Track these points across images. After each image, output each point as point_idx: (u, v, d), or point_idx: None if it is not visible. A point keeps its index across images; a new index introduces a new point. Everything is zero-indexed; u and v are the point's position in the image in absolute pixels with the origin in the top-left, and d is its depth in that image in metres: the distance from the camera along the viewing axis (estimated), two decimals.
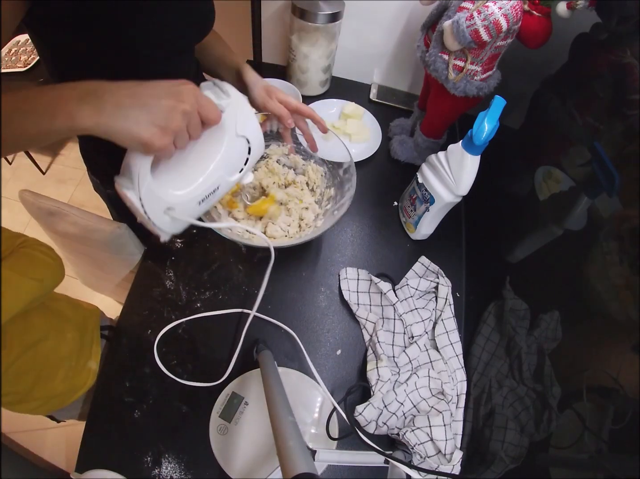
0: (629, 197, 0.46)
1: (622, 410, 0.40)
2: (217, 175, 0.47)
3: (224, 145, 0.46)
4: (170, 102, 0.38)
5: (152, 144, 0.38)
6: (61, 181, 2.01)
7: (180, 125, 0.39)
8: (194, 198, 0.47)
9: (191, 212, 0.48)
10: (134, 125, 0.37)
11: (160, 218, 0.45)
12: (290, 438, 0.41)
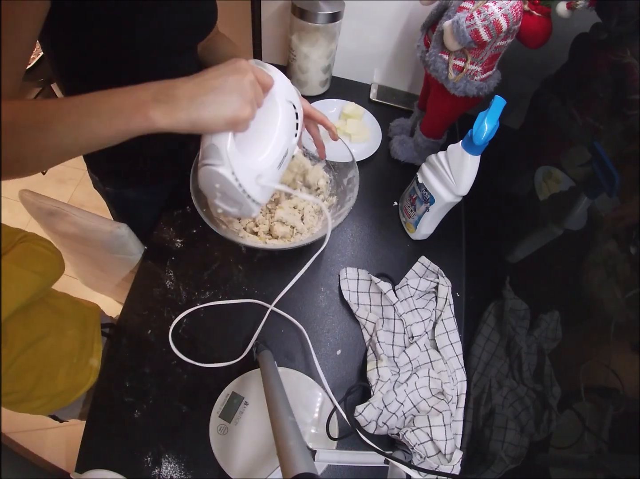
0: (629, 197, 0.46)
1: (622, 410, 0.40)
2: (285, 138, 0.50)
3: (280, 111, 0.49)
4: (236, 77, 0.41)
5: (238, 118, 0.41)
6: (61, 181, 2.01)
7: (253, 93, 0.42)
8: (274, 163, 0.49)
9: (274, 177, 0.50)
10: (214, 109, 0.40)
11: (253, 188, 0.47)
12: (290, 438, 0.41)
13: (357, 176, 0.66)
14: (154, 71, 0.59)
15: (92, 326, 0.69)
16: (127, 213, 0.86)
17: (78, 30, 0.49)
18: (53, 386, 0.61)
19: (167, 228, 0.76)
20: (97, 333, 0.70)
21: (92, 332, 0.69)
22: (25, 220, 1.78)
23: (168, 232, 0.76)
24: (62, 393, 0.64)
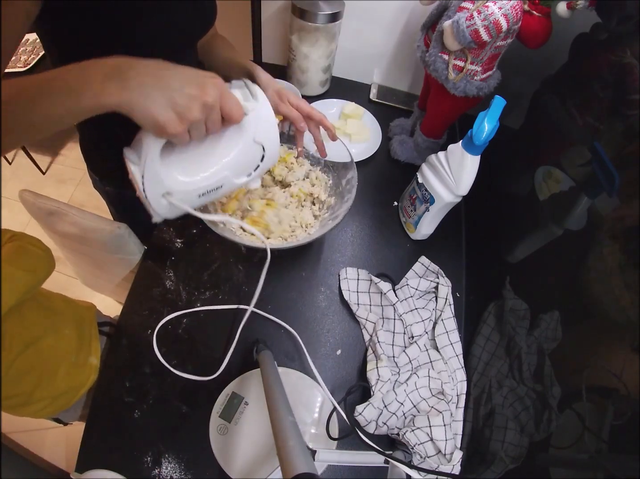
0: (629, 197, 0.46)
1: (622, 410, 0.40)
2: (224, 174, 0.47)
3: (238, 147, 0.46)
4: (193, 91, 0.38)
5: (166, 129, 0.38)
6: (61, 181, 2.01)
7: (198, 116, 0.39)
8: (195, 190, 0.47)
9: (189, 202, 0.48)
10: (152, 105, 0.37)
11: (156, 199, 0.45)
12: (290, 438, 0.41)
13: (355, 177, 0.66)
14: None
15: (88, 325, 0.69)
16: (127, 213, 0.86)
17: (79, 28, 0.49)
18: (54, 387, 0.61)
19: (167, 228, 0.76)
20: (94, 331, 0.70)
21: (89, 330, 0.69)
22: (25, 220, 1.78)
23: (168, 232, 0.76)
24: (64, 394, 0.64)
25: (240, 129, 0.45)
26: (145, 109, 0.37)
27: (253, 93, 0.45)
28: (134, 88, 0.36)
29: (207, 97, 0.39)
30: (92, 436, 0.58)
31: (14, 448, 1.19)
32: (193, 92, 0.38)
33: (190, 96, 0.38)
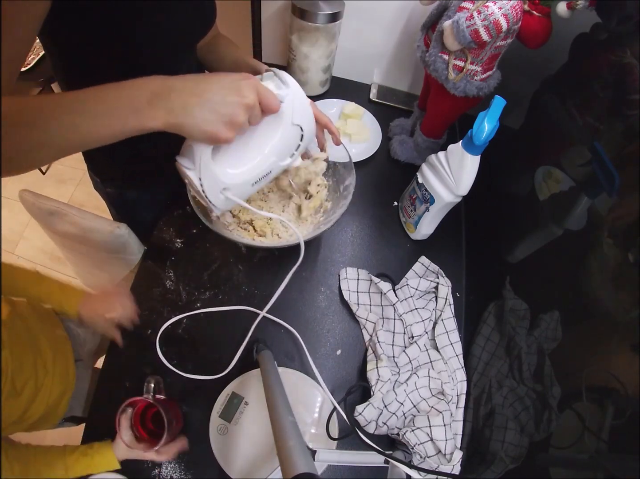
0: (629, 197, 0.46)
1: (622, 410, 0.40)
2: (271, 160, 0.50)
3: (280, 133, 0.49)
4: (233, 98, 0.41)
5: (218, 138, 0.42)
6: (61, 181, 2.01)
7: (243, 119, 0.42)
8: (249, 180, 0.50)
9: (244, 192, 0.52)
10: (201, 122, 0.40)
11: (216, 196, 0.49)
12: (290, 438, 0.41)
13: (353, 184, 0.66)
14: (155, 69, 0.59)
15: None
16: (127, 213, 0.86)
17: (79, 28, 0.49)
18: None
19: (167, 228, 0.76)
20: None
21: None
22: (25, 220, 1.78)
23: (168, 232, 0.76)
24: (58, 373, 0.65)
25: (278, 116, 0.48)
26: (195, 127, 0.40)
27: (284, 81, 0.49)
28: (179, 112, 0.39)
29: (246, 99, 0.41)
30: (92, 436, 0.58)
31: None
32: (234, 99, 0.41)
33: (233, 104, 0.41)
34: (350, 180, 0.67)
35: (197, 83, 0.41)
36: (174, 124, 0.40)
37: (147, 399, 0.54)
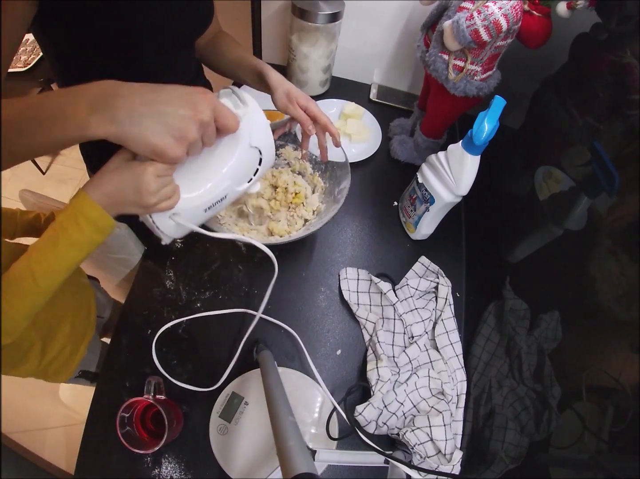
0: (629, 197, 0.46)
1: (622, 410, 0.40)
2: (226, 184, 0.46)
3: (236, 155, 0.45)
4: (187, 112, 0.37)
5: (166, 154, 0.38)
6: (61, 181, 2.01)
7: (196, 136, 0.38)
8: (200, 206, 0.46)
9: (196, 218, 0.47)
10: (149, 134, 0.36)
11: (164, 222, 0.45)
12: (290, 438, 0.41)
13: (347, 187, 0.66)
14: (152, 68, 0.59)
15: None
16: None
17: (76, 28, 0.49)
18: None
19: None
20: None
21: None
22: None
23: None
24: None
25: (235, 137, 0.44)
26: (140, 139, 0.37)
27: (242, 100, 0.44)
28: (123, 120, 0.36)
29: (201, 115, 0.38)
30: (92, 436, 0.58)
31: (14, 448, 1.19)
32: (187, 112, 0.37)
33: (185, 117, 0.37)
34: (345, 184, 0.67)
35: (148, 92, 0.37)
36: (116, 134, 0.36)
37: (148, 399, 0.54)
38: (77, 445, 0.57)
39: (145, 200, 0.40)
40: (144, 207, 0.41)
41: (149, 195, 0.40)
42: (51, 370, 0.64)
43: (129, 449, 0.51)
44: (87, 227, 0.41)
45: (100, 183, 0.40)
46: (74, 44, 0.52)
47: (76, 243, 0.42)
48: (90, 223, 0.41)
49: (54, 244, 0.41)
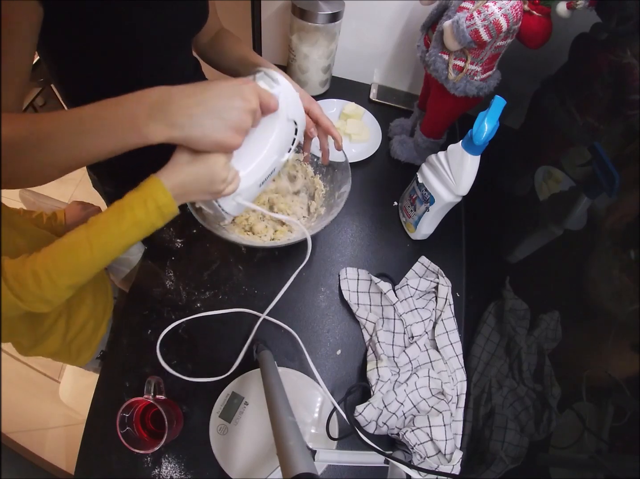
0: (629, 197, 0.46)
1: (622, 410, 0.40)
2: (273, 158, 0.51)
3: (277, 130, 0.49)
4: (239, 104, 0.40)
5: (230, 145, 0.42)
6: (61, 181, 2.00)
7: (249, 122, 0.42)
8: (257, 182, 0.50)
9: (252, 194, 0.52)
10: (211, 132, 0.40)
11: (228, 203, 0.50)
12: (290, 438, 0.41)
13: (347, 192, 0.66)
14: (151, 69, 0.59)
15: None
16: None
17: (72, 31, 0.49)
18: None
19: (167, 228, 0.76)
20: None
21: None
22: None
23: (168, 232, 0.76)
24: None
25: (275, 114, 0.48)
26: (204, 137, 0.40)
27: (274, 79, 0.48)
28: (183, 124, 0.39)
29: (251, 104, 0.41)
30: (92, 436, 0.58)
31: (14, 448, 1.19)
32: (239, 104, 0.41)
33: (239, 109, 0.41)
34: (345, 188, 0.67)
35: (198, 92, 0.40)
36: (178, 137, 0.39)
37: (148, 399, 0.54)
38: (77, 445, 0.57)
39: (217, 187, 0.44)
40: (214, 193, 0.45)
41: (220, 183, 0.44)
42: (74, 347, 0.64)
43: (129, 449, 0.51)
44: (154, 211, 0.43)
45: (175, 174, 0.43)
46: (70, 47, 0.52)
47: (139, 223, 0.44)
48: (157, 208, 0.43)
49: (119, 220, 0.43)
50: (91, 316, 0.66)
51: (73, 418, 1.30)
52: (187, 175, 0.43)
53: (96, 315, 0.67)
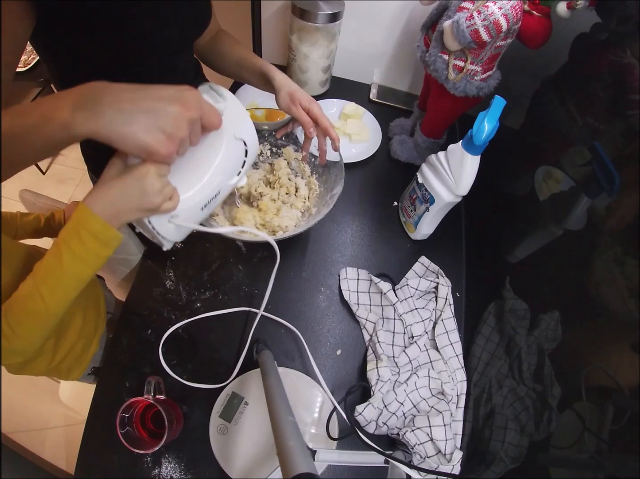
0: (629, 197, 0.46)
1: (622, 410, 0.40)
2: (218, 179, 0.47)
3: (223, 149, 0.46)
4: (176, 109, 0.37)
5: (158, 151, 0.37)
6: (61, 181, 2.01)
7: (185, 133, 0.38)
8: (197, 204, 0.46)
9: (194, 217, 0.47)
10: (139, 130, 0.35)
11: (164, 226, 0.44)
12: (290, 438, 0.41)
13: (339, 193, 0.66)
14: (151, 71, 0.59)
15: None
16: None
17: (73, 32, 0.49)
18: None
19: None
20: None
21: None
22: None
23: None
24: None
25: (220, 132, 0.44)
26: (129, 136, 0.35)
27: (220, 94, 0.44)
28: (111, 117, 0.35)
29: (190, 112, 0.37)
30: (92, 436, 0.58)
31: (14, 448, 1.19)
32: (176, 109, 0.37)
33: (176, 114, 0.37)
34: (337, 189, 0.67)
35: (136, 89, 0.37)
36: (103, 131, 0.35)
37: (148, 399, 0.54)
38: (77, 445, 0.57)
39: (151, 200, 0.39)
40: (149, 209, 0.40)
41: (155, 194, 0.39)
42: (64, 367, 0.63)
43: (129, 449, 0.51)
44: (90, 241, 0.40)
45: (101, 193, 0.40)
46: (71, 49, 0.52)
47: (80, 258, 0.41)
48: (93, 236, 0.40)
49: (59, 261, 0.40)
50: (81, 337, 0.64)
51: (73, 418, 1.30)
52: (115, 191, 0.39)
53: (86, 333, 0.66)
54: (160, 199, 0.40)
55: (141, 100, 0.36)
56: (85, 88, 0.36)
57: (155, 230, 0.44)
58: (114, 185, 0.40)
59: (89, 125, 0.34)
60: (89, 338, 0.67)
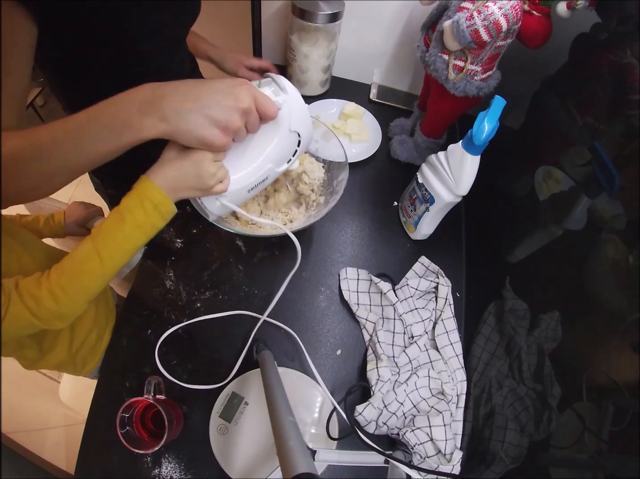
0: (629, 197, 0.46)
1: (622, 410, 0.40)
2: (268, 166, 0.50)
3: (276, 139, 0.49)
4: (229, 103, 0.40)
5: (214, 144, 0.41)
6: None
7: (239, 124, 0.42)
8: (245, 187, 0.50)
9: (240, 198, 0.52)
10: (197, 128, 0.40)
11: (211, 203, 0.50)
12: (290, 438, 0.41)
13: (346, 179, 0.66)
14: (149, 66, 0.59)
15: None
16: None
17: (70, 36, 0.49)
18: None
19: (167, 228, 0.76)
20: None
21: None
22: None
23: (168, 232, 0.76)
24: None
25: (275, 123, 0.47)
26: (189, 133, 0.40)
27: (282, 87, 0.47)
28: (172, 117, 0.39)
29: (242, 104, 0.41)
30: (92, 436, 0.58)
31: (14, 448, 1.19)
32: (229, 103, 0.40)
33: (228, 108, 0.40)
34: (343, 175, 0.67)
35: (190, 89, 0.40)
36: (167, 131, 0.39)
37: (148, 399, 0.54)
38: (77, 445, 0.57)
39: (205, 182, 0.44)
40: (203, 189, 0.45)
41: (209, 178, 0.44)
42: (79, 357, 0.64)
43: (129, 449, 0.51)
44: (152, 210, 0.44)
45: (162, 171, 0.44)
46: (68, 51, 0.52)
47: (140, 226, 0.44)
48: (155, 207, 0.44)
49: (121, 226, 0.43)
50: (94, 325, 0.66)
51: (73, 418, 1.30)
52: (174, 170, 0.43)
53: (99, 323, 0.67)
54: (213, 182, 0.45)
55: (196, 98, 0.40)
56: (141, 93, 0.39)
57: (203, 204, 0.50)
58: (173, 165, 0.44)
59: (157, 129, 0.39)
60: (101, 328, 0.68)
